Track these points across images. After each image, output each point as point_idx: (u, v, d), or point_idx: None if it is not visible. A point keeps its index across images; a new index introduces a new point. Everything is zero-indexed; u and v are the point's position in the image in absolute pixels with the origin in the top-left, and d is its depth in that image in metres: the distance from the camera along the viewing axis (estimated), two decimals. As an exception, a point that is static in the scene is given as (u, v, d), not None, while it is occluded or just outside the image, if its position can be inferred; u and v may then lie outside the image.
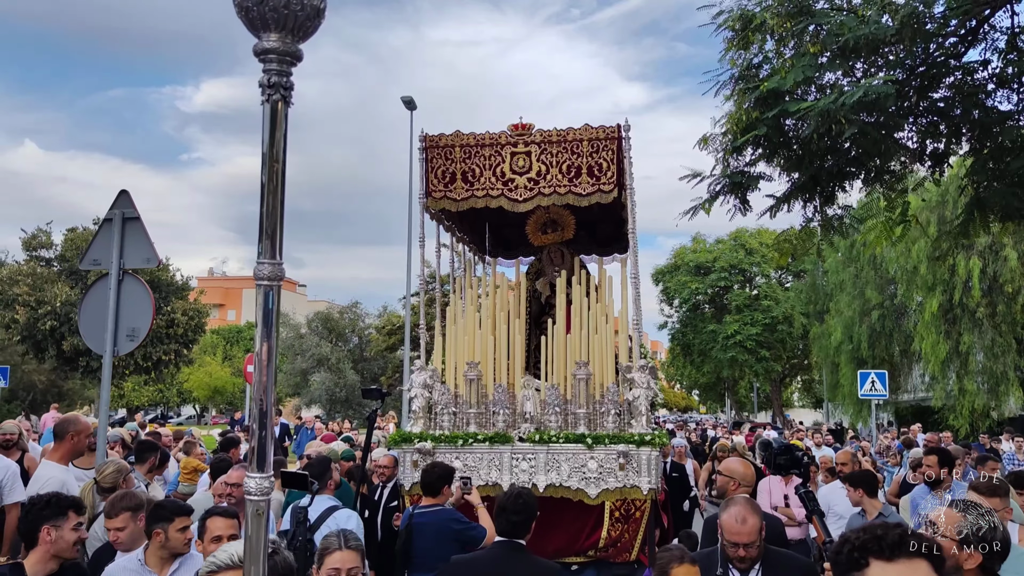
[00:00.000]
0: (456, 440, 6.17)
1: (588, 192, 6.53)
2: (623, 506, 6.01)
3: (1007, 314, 21.89)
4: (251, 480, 1.83)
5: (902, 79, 7.00)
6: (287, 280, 18.28)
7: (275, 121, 1.83)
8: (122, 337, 5.35)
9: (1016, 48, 7.13)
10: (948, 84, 7.42)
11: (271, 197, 1.82)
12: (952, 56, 7.34)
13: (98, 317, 5.41)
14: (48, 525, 3.34)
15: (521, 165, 6.65)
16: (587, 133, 6.54)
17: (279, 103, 1.86)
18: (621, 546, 6.01)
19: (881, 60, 6.68)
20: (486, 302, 7.10)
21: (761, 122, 6.39)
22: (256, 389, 1.79)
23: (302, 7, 1.99)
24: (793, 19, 6.22)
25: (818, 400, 42.66)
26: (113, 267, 5.38)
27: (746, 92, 6.65)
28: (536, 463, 6.07)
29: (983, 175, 7.06)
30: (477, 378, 6.39)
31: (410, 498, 6.06)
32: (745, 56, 7.26)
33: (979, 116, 7.14)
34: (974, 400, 22.17)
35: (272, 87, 1.90)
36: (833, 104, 5.78)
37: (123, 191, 5.56)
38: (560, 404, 6.23)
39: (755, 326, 36.19)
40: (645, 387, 6.10)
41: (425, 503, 5.27)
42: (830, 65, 6.30)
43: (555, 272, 7.75)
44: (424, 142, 6.76)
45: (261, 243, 1.85)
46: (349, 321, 35.17)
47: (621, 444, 5.93)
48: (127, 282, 5.42)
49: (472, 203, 6.76)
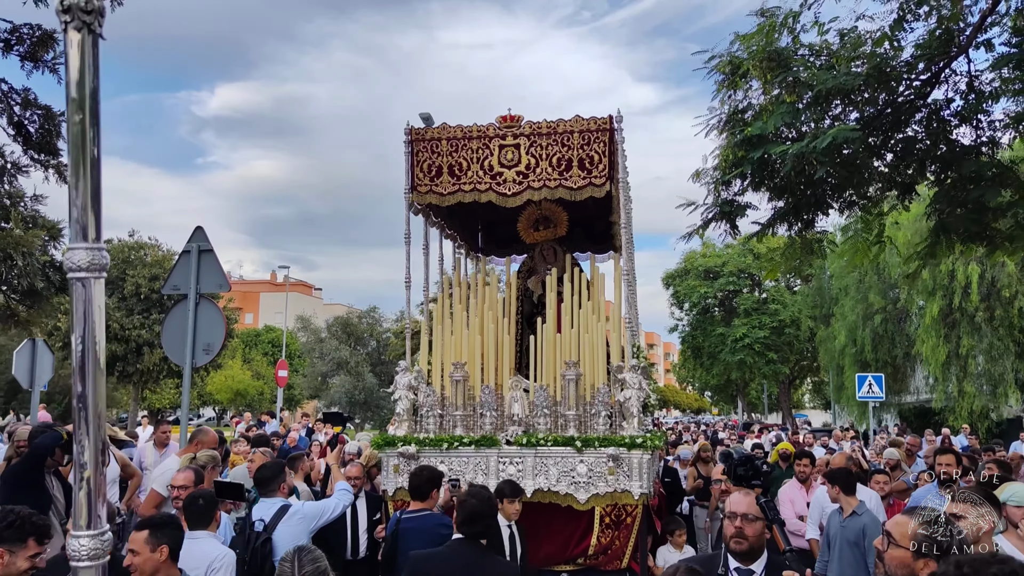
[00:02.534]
0: (441, 443, 5.97)
1: (579, 186, 6.31)
2: (614, 512, 5.79)
3: (1005, 318, 22.58)
4: (74, 540, 1.61)
5: (872, 117, 7.90)
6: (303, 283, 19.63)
7: (82, 56, 1.54)
8: (199, 351, 6.35)
9: (974, 89, 8.01)
10: (917, 120, 8.31)
11: (77, 152, 1.55)
12: (920, 96, 8.22)
13: (178, 334, 6.42)
14: (3, 548, 3.14)
15: (510, 158, 6.40)
16: (578, 125, 6.33)
17: (84, 32, 1.56)
18: (612, 553, 5.81)
19: (851, 105, 7.57)
20: (475, 301, 6.78)
21: (746, 161, 7.29)
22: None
23: None
24: (773, 71, 7.11)
25: (827, 402, 43.35)
26: (191, 292, 6.40)
27: (734, 133, 7.56)
28: (524, 467, 5.85)
29: (946, 203, 7.92)
30: (464, 379, 6.15)
31: (393, 503, 5.89)
32: (734, 96, 8.18)
33: (943, 150, 8.03)
34: (973, 402, 22.87)
35: (67, 11, 1.59)
36: (806, 148, 6.69)
37: (198, 228, 6.58)
38: (549, 406, 6.01)
39: (763, 329, 36.94)
40: (637, 388, 5.90)
41: (413, 507, 5.13)
42: (806, 111, 7.20)
43: (547, 270, 7.59)
44: (409, 135, 6.51)
45: (74, 224, 1.59)
46: (367, 326, 36.24)
47: (612, 447, 5.72)
48: (203, 304, 6.43)
49: (459, 197, 6.51)
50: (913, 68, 7.96)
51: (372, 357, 35.17)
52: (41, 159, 7.83)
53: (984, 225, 7.93)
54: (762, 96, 8.02)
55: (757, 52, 7.43)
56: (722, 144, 8.17)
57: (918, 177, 8.03)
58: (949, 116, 8.15)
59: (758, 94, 8.10)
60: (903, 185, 8.08)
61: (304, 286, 75.73)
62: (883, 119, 7.91)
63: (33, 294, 7.95)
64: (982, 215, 7.83)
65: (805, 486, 7.98)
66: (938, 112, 8.18)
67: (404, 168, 6.49)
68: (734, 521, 3.40)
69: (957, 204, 7.91)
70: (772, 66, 7.19)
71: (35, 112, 7.55)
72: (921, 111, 8.19)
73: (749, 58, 7.67)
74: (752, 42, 7.37)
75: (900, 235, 14.96)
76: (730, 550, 3.44)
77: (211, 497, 4.54)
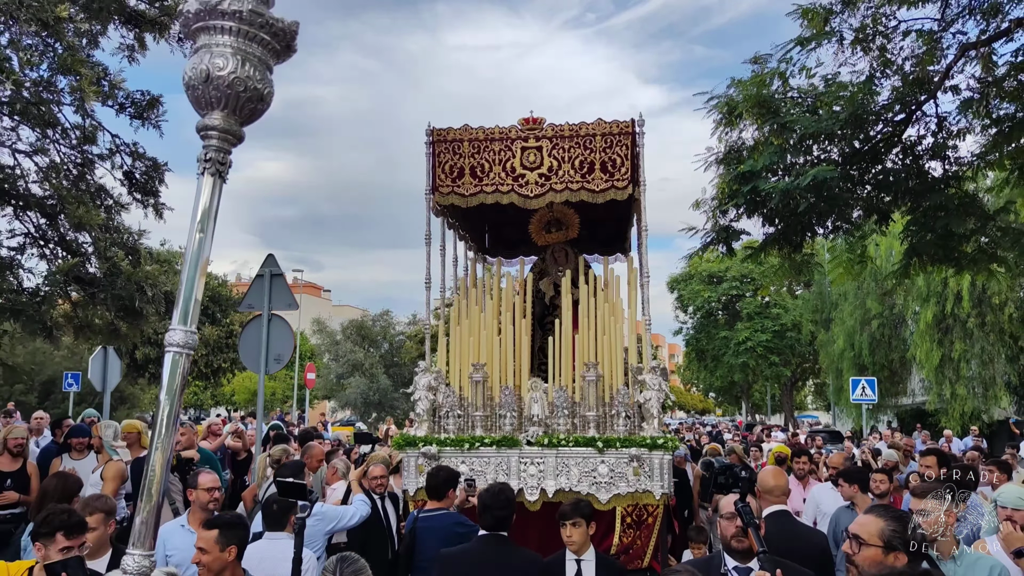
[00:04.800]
0: (462, 444, 6.02)
1: (602, 188, 6.36)
2: (635, 511, 5.84)
3: (995, 324, 23.53)
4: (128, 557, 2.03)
5: (851, 154, 8.96)
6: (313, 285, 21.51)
7: (211, 197, 2.02)
8: (271, 360, 7.46)
9: (943, 128, 9.08)
10: (893, 155, 9.37)
11: (191, 269, 2.01)
12: (896, 134, 9.28)
13: (253, 346, 7.52)
14: (39, 542, 3.52)
15: (532, 160, 6.45)
16: (600, 128, 6.39)
17: (216, 178, 2.00)
18: (633, 553, 5.85)
19: (832, 143, 8.64)
20: (490, 303, 6.83)
21: (739, 193, 8.37)
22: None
23: (246, 89, 2.14)
24: (762, 118, 8.19)
25: (829, 403, 44.36)
26: (264, 311, 7.52)
27: (730, 169, 8.64)
28: (545, 467, 5.89)
29: (918, 229, 8.97)
30: (483, 380, 6.20)
31: (414, 503, 5.97)
32: (729, 134, 9.25)
33: (916, 182, 9.08)
34: (965, 404, 23.82)
35: (208, 161, 2.08)
36: (790, 186, 7.77)
37: (270, 255, 7.74)
38: (569, 407, 6.05)
39: (765, 333, 37.94)
40: (657, 389, 5.95)
41: (430, 507, 5.24)
42: (791, 151, 8.27)
43: (559, 272, 7.70)
44: (431, 136, 6.56)
45: (178, 310, 2.01)
46: (381, 328, 37.37)
47: (633, 448, 5.80)
48: (274, 321, 7.54)
49: (481, 199, 6.52)
50: (890, 109, 9.02)
51: (386, 359, 36.28)
52: (141, 199, 9.18)
53: (951, 249, 8.99)
54: (756, 131, 9.10)
55: (750, 98, 8.50)
56: (720, 174, 9.27)
57: (892, 206, 9.08)
58: (922, 152, 9.23)
59: (752, 131, 9.18)
60: (881, 212, 9.13)
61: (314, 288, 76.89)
62: (862, 155, 8.98)
63: (133, 313, 9.19)
64: (949, 240, 8.88)
65: (802, 483, 8.20)
66: (912, 148, 9.26)
67: (425, 169, 6.54)
68: (734, 521, 3.54)
69: (927, 230, 8.96)
70: (762, 111, 8.26)
71: (143, 163, 8.93)
72: (896, 147, 9.27)
73: (744, 101, 8.76)
74: (746, 89, 8.44)
75: (883, 248, 15.78)
76: (731, 549, 3.58)
77: (285, 501, 4.45)
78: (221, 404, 61.56)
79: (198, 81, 2.19)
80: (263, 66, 2.32)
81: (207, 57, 2.26)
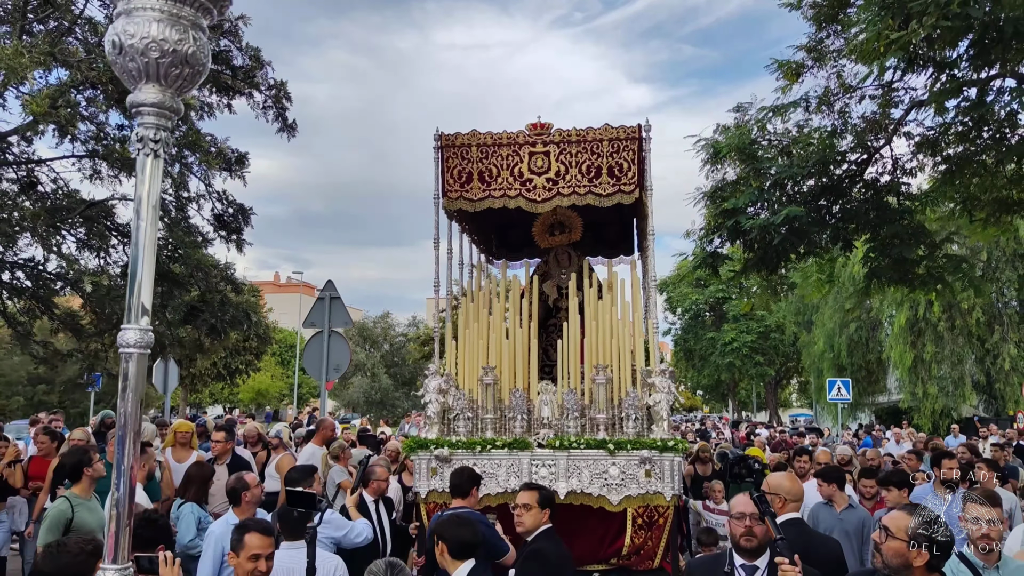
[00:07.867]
0: (474, 446, 6.05)
1: (609, 193, 6.45)
2: (646, 513, 5.88)
3: (964, 327, 25.18)
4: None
5: (820, 190, 10.44)
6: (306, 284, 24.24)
7: (150, 177, 1.93)
8: (331, 370, 8.87)
9: (897, 168, 10.58)
10: (856, 190, 10.86)
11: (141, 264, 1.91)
12: (859, 172, 10.77)
13: (315, 358, 8.93)
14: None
15: (540, 165, 6.53)
16: (607, 133, 6.48)
17: (151, 158, 1.91)
18: (644, 554, 5.90)
19: (803, 182, 10.12)
20: (497, 305, 6.90)
21: (723, 226, 9.84)
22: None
23: (162, 54, 1.96)
24: (744, 163, 9.65)
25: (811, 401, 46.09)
26: (325, 328, 8.92)
27: (714, 204, 10.11)
28: (556, 469, 5.92)
29: (877, 255, 10.46)
30: (494, 382, 6.25)
31: (426, 506, 6.03)
32: (714, 172, 10.72)
33: (875, 214, 10.57)
34: (936, 402, 25.47)
35: (140, 140, 1.95)
36: (766, 222, 9.24)
37: (329, 280, 9.13)
38: (578, 409, 6.10)
39: (750, 334, 39.60)
40: (666, 391, 6.03)
41: (455, 505, 5.28)
42: (767, 191, 9.74)
43: (563, 274, 7.82)
44: (439, 141, 6.63)
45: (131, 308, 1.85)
46: (382, 330, 38.74)
47: (644, 450, 5.84)
48: (333, 337, 8.96)
49: (489, 203, 6.62)
50: (854, 151, 10.52)
51: (387, 359, 37.67)
52: (225, 236, 10.71)
53: (905, 272, 10.47)
54: (738, 169, 10.58)
55: (732, 146, 9.96)
56: (707, 206, 10.74)
57: (855, 235, 10.57)
58: (881, 187, 10.72)
59: (734, 170, 10.65)
60: (845, 240, 10.62)
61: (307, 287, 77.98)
62: (829, 189, 10.47)
63: (214, 331, 10.68)
64: (903, 264, 10.37)
65: (802, 481, 8.37)
66: (873, 184, 10.75)
67: (434, 174, 6.61)
68: (743, 521, 3.58)
69: (885, 256, 10.45)
70: (743, 156, 9.73)
71: (232, 207, 10.46)
72: (859, 183, 10.77)
73: (727, 146, 10.22)
74: (730, 139, 9.90)
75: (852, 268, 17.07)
76: (740, 548, 3.60)
77: (305, 510, 4.41)
78: (219, 402, 62.79)
79: (114, 54, 2.03)
80: (186, 24, 2.10)
81: (119, 25, 2.09)
